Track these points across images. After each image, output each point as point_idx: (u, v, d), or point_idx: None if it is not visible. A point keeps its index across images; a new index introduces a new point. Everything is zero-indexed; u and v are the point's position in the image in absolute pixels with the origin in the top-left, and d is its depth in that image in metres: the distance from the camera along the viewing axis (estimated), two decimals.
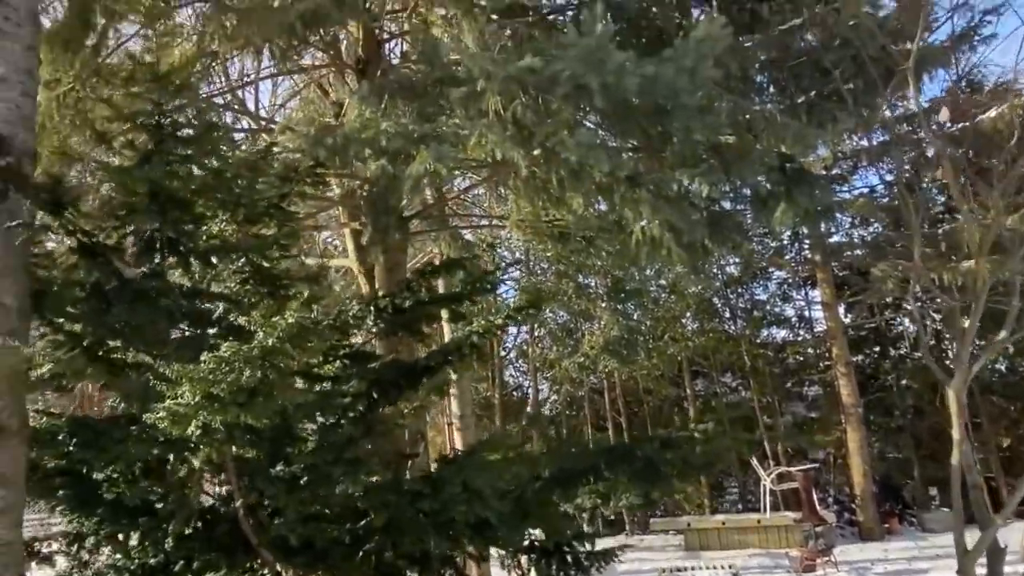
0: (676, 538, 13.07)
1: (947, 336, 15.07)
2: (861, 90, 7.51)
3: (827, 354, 15.18)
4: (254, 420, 2.83)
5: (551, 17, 7.36)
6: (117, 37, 6.76)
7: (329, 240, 11.25)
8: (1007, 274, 6.94)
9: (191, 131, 3.77)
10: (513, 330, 17.27)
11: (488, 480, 3.48)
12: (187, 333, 4.63)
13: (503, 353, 17.15)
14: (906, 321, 15.02)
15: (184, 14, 7.62)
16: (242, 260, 4.47)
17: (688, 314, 15.20)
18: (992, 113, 11.57)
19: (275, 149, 5.53)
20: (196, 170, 3.75)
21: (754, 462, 12.70)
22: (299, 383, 4.85)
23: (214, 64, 8.36)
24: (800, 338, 16.04)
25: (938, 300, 5.97)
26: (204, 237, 4.38)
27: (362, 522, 4.24)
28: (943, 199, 13.86)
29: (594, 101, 4.46)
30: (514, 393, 17.91)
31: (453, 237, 9.19)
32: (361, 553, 4.15)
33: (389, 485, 3.78)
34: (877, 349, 16.05)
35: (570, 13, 7.28)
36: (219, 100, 8.51)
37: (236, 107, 8.98)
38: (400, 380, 4.85)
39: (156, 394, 3.10)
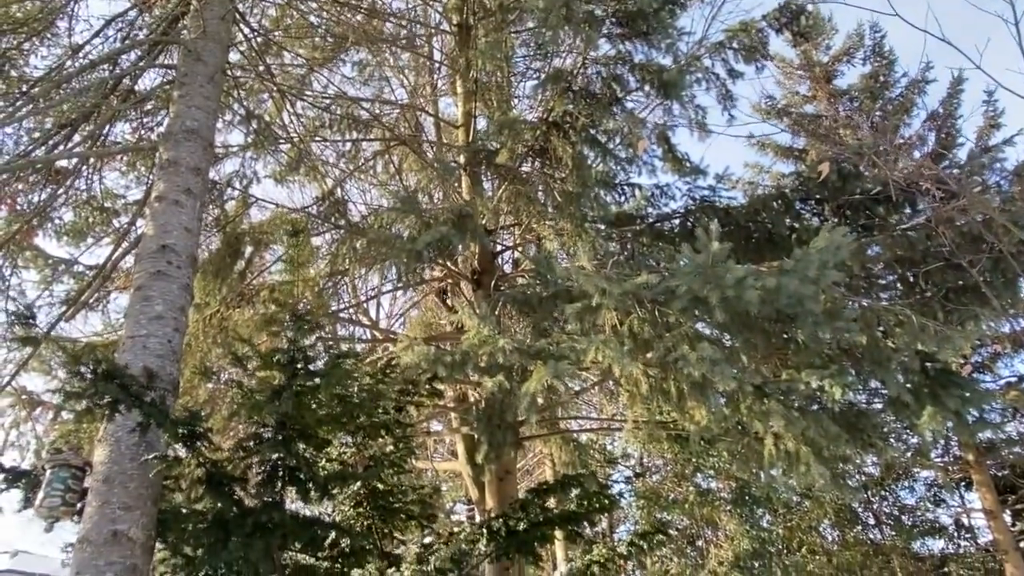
0: None
1: None
2: (1001, 284, 7.03)
3: (1000, 570, 12.95)
4: None
5: (659, 225, 7.53)
6: (261, 263, 7.51)
7: (438, 440, 11.19)
8: None
9: (321, 363, 3.90)
10: (624, 527, 16.02)
11: None
12: (298, 558, 4.50)
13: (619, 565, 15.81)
14: None
15: (320, 239, 8.42)
16: (357, 484, 4.39)
17: (826, 522, 13.61)
18: None
19: (395, 363, 5.67)
20: (324, 400, 3.82)
21: None
22: None
23: (344, 281, 9.05)
24: (962, 550, 13.87)
25: None
26: (323, 462, 4.37)
27: None
28: None
29: (714, 315, 4.34)
30: None
31: (564, 440, 8.89)
32: None
33: None
34: None
35: (677, 220, 7.46)
36: (345, 315, 9.09)
37: (361, 319, 9.53)
38: None
39: None
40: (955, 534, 13.97)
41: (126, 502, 3.61)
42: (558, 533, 6.02)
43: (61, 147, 6.16)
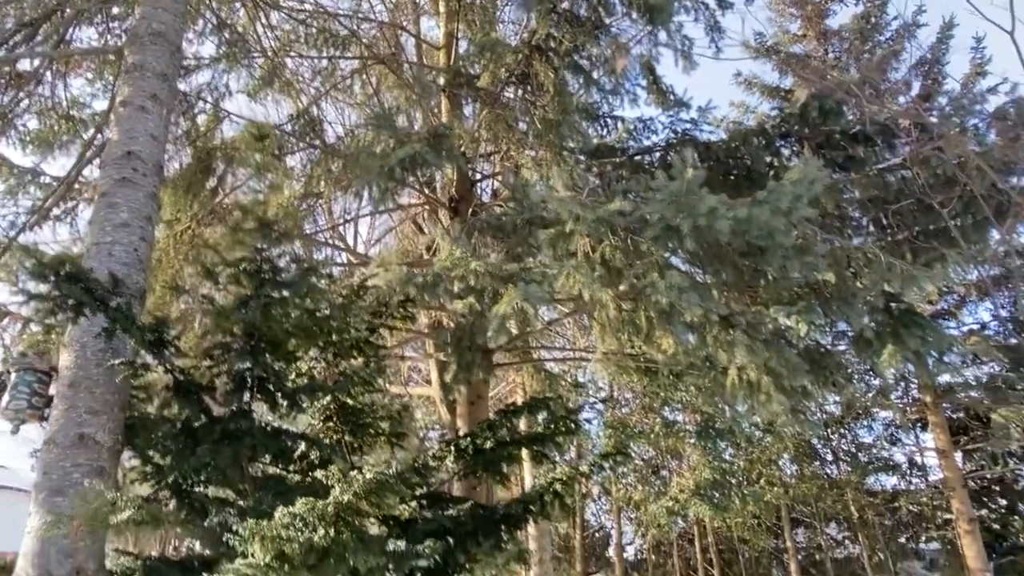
0: None
1: None
2: (970, 227, 7.13)
3: (946, 507, 13.63)
4: None
5: (639, 158, 7.48)
6: (234, 181, 7.37)
7: (413, 367, 11.33)
8: None
9: (289, 275, 3.89)
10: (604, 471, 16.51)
11: None
12: (268, 471, 4.59)
13: (584, 490, 16.38)
14: None
15: (295, 159, 8.26)
16: (327, 398, 4.44)
17: (786, 456, 14.14)
18: None
19: (368, 284, 5.68)
20: (292, 311, 3.83)
21: None
22: (374, 526, 4.67)
23: (319, 204, 8.93)
24: (913, 487, 14.54)
25: None
26: (292, 375, 4.40)
27: None
28: None
29: (684, 243, 4.37)
30: (596, 534, 16.87)
31: (536, 369, 9.04)
32: None
33: None
34: (1004, 503, 14.31)
35: (657, 154, 7.41)
36: (321, 237, 9.01)
37: (337, 243, 9.46)
38: (477, 530, 4.57)
39: (229, 545, 2.98)
40: (907, 471, 14.62)
41: (92, 407, 3.63)
42: (525, 455, 6.19)
43: (22, 49, 5.91)
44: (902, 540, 14.67)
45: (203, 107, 7.16)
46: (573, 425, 6.11)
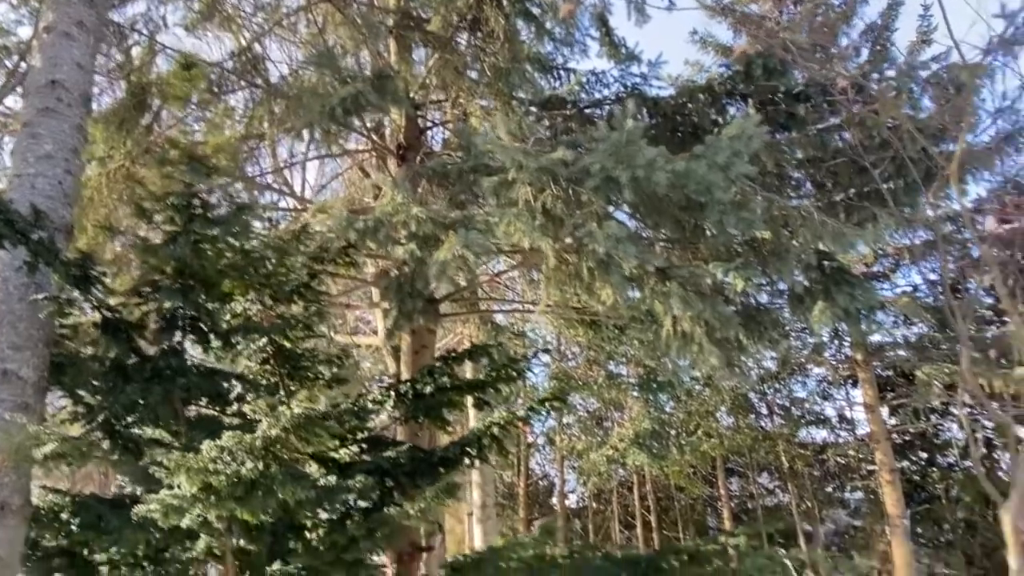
0: None
1: (999, 445, 14.24)
2: (902, 190, 7.39)
3: (870, 458, 14.42)
4: (250, 516, 2.69)
5: (589, 111, 7.47)
6: (170, 119, 7.10)
7: (361, 317, 11.29)
8: None
9: (221, 212, 3.82)
10: (541, 415, 16.88)
11: None
12: (203, 412, 4.57)
13: (530, 440, 16.75)
14: (955, 427, 14.29)
15: (236, 98, 7.98)
16: (264, 340, 4.42)
17: (723, 409, 14.70)
18: None
19: (309, 230, 5.60)
20: (224, 250, 3.77)
21: (792, 574, 11.90)
22: (312, 468, 4.72)
23: (263, 146, 8.69)
24: (841, 440, 15.33)
25: (996, 409, 5.61)
26: (228, 316, 4.36)
27: None
28: (991, 301, 13.40)
29: (623, 194, 4.43)
30: (540, 482, 17.34)
31: (483, 320, 9.12)
32: None
33: None
34: (924, 456, 15.21)
35: (607, 107, 7.41)
36: (266, 180, 8.79)
37: (283, 188, 9.24)
38: (415, 471, 4.67)
39: (157, 479, 2.99)
40: (837, 425, 15.36)
41: (15, 342, 3.54)
42: (470, 402, 6.30)
43: None
44: (829, 489, 15.51)
45: (138, 40, 6.83)
46: (515, 373, 6.24)
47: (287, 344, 4.60)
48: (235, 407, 4.64)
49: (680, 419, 14.22)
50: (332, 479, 3.41)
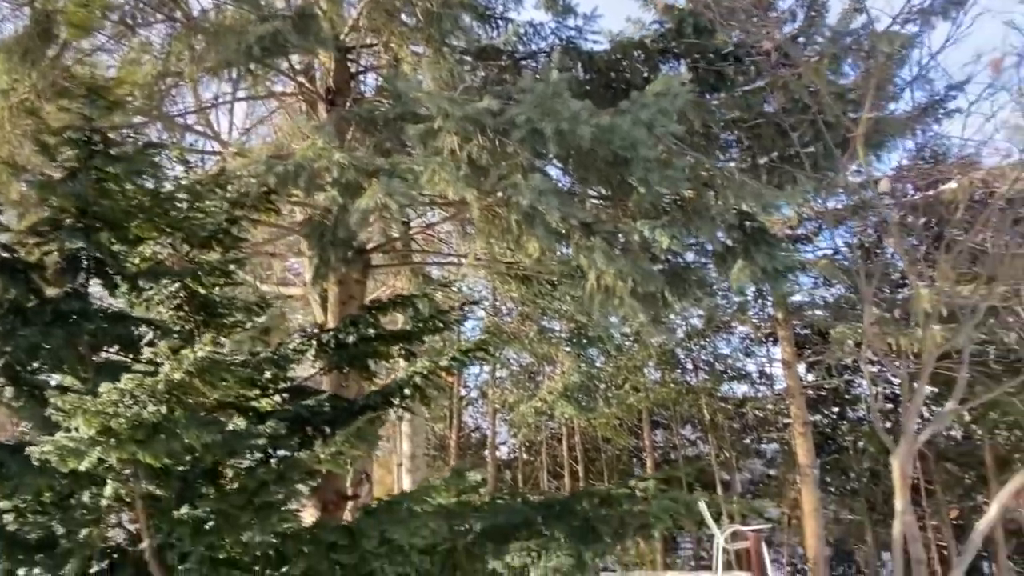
0: None
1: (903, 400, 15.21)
2: (821, 154, 7.64)
3: (786, 412, 15.21)
4: (153, 459, 2.65)
5: (524, 63, 7.39)
6: (84, 50, 6.65)
7: (291, 268, 11.07)
8: (959, 343, 7.02)
9: (125, 149, 3.64)
10: (475, 370, 17.09)
11: (407, 533, 3.30)
12: (113, 359, 4.44)
13: (464, 393, 16.93)
14: (865, 383, 15.14)
15: (159, 31, 7.52)
16: (176, 285, 4.29)
17: (650, 364, 15.19)
18: (952, 185, 11.90)
19: (228, 173, 5.41)
20: (130, 190, 3.61)
21: (707, 519, 12.54)
22: (234, 417, 4.67)
23: (184, 85, 8.26)
24: (760, 394, 16.10)
25: (895, 364, 5.98)
26: (137, 259, 4.21)
27: (282, 570, 4.02)
28: (903, 265, 14.13)
29: (549, 147, 4.45)
30: (472, 434, 17.63)
31: (414, 273, 9.07)
32: None
33: (304, 534, 3.58)
34: (836, 410, 16.13)
35: (542, 59, 7.35)
36: (187, 121, 8.37)
37: (207, 130, 8.84)
38: (336, 420, 4.67)
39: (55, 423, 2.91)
40: (757, 381, 16.10)
41: None
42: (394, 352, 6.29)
43: None
44: (747, 441, 16.33)
45: None
46: (442, 324, 6.26)
47: (202, 290, 4.48)
48: (148, 354, 4.52)
49: (609, 373, 14.62)
50: (241, 424, 3.38)
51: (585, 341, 11.81)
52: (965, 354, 6.01)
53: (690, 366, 16.09)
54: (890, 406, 14.96)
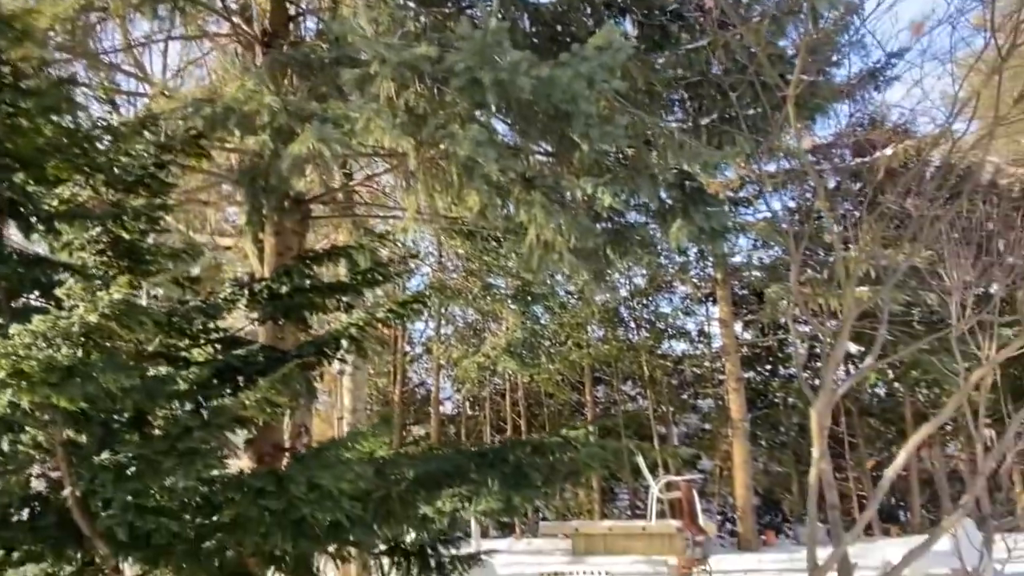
0: (565, 542, 13.21)
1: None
2: (759, 116, 7.77)
3: (721, 369, 15.74)
4: (69, 403, 2.59)
5: (469, 11, 7.24)
6: None
7: (226, 218, 10.76)
8: (879, 303, 7.35)
9: (35, 83, 3.45)
10: (420, 326, 17.09)
11: (334, 479, 3.33)
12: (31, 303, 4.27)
13: (408, 349, 16.94)
14: (798, 342, 15.73)
15: None
16: (98, 229, 4.14)
17: (593, 321, 15.46)
18: (888, 151, 12.31)
19: (154, 114, 5.19)
20: (43, 126, 3.43)
21: (643, 470, 13.00)
22: (163, 368, 4.57)
23: (111, 21, 7.81)
24: (698, 352, 16.60)
25: (819, 323, 6.24)
26: (56, 202, 4.04)
27: (211, 518, 4.01)
28: (839, 229, 14.60)
29: (488, 97, 4.39)
30: (417, 390, 17.71)
31: (356, 226, 8.94)
32: (205, 550, 3.93)
33: (232, 481, 3.57)
34: (768, 368, 16.78)
35: (488, 8, 7.21)
36: (117, 60, 7.95)
37: (136, 71, 8.40)
38: (268, 370, 4.62)
39: None
40: (695, 339, 16.58)
41: None
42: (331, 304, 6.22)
43: None
44: (684, 397, 16.87)
45: None
46: (381, 277, 6.22)
47: (126, 235, 4.33)
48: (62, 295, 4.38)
49: (552, 330, 14.83)
50: (163, 369, 3.32)
51: (529, 298, 11.92)
52: (885, 313, 6.31)
53: (632, 324, 16.44)
54: (819, 364, 15.63)
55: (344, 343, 5.21)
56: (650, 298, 16.34)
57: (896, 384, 15.95)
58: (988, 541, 8.19)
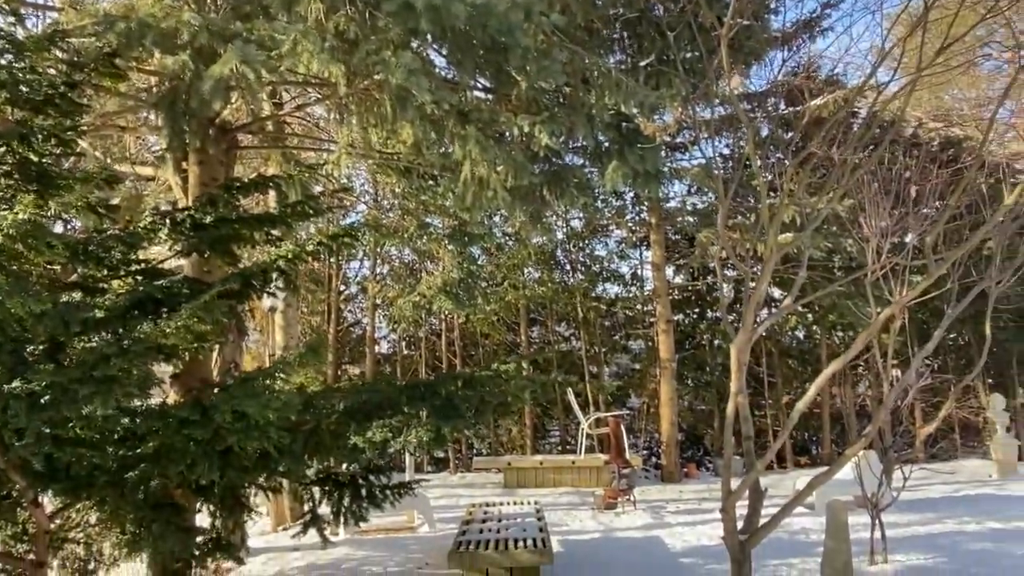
0: (497, 476, 13.58)
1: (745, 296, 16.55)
2: (696, 60, 7.81)
3: (652, 312, 16.17)
4: None
5: None
6: None
7: (147, 146, 10.22)
8: (800, 247, 7.65)
9: None
10: (355, 264, 16.85)
11: (259, 407, 3.31)
12: None
13: (343, 288, 16.72)
14: (727, 286, 16.29)
15: None
16: (2, 149, 3.89)
17: (530, 263, 15.57)
18: (820, 101, 12.59)
19: (65, 31, 4.83)
20: None
21: (574, 407, 13.39)
22: (77, 295, 4.39)
23: None
24: (631, 295, 16.97)
25: (743, 266, 6.45)
26: None
27: (134, 450, 3.94)
28: (767, 176, 14.99)
29: (420, 23, 4.27)
30: (352, 329, 17.57)
31: (286, 158, 8.65)
32: (129, 481, 3.87)
33: (154, 411, 3.51)
34: (697, 310, 17.33)
35: None
36: None
37: None
38: (190, 301, 4.50)
39: None
40: (629, 282, 16.90)
41: None
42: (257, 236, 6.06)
43: None
44: (616, 337, 17.30)
45: None
46: (311, 210, 6.07)
47: (34, 157, 4.09)
48: None
49: (488, 271, 14.87)
50: (77, 295, 3.20)
51: (466, 239, 11.86)
52: (805, 257, 6.58)
53: (568, 267, 16.63)
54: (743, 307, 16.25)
55: (273, 276, 5.11)
56: (586, 241, 16.51)
57: (815, 327, 16.76)
58: (888, 471, 8.87)
